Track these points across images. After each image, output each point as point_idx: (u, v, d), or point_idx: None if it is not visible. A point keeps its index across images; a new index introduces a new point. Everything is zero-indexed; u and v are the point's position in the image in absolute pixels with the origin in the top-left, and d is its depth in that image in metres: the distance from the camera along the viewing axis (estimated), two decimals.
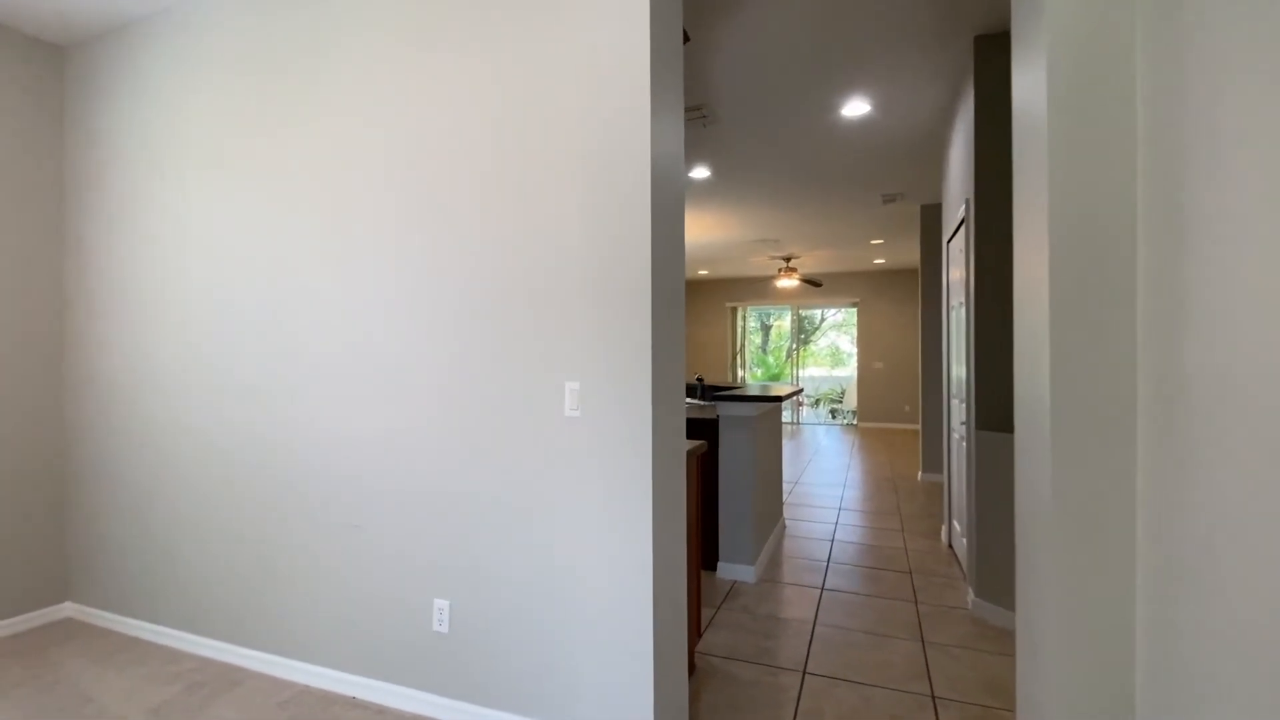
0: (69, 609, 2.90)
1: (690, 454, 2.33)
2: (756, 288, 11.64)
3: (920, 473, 6.09)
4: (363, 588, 2.22)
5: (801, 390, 4.10)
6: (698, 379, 4.74)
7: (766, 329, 13.45)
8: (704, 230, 7.35)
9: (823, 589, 3.27)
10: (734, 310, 12.03)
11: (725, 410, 3.40)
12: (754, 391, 3.67)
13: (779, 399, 3.47)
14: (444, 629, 2.06)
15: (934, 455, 5.99)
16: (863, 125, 4.05)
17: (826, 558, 3.78)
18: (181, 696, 2.21)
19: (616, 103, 1.78)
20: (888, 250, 8.68)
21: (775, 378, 12.86)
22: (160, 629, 2.63)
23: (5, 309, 2.71)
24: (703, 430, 3.58)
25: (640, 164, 1.75)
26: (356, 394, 2.23)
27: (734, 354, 12.06)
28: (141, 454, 2.71)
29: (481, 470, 2.01)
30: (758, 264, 9.93)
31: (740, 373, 12.33)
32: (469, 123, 2.02)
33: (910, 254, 8.94)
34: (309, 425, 2.33)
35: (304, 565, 2.34)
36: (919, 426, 7.20)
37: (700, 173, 5.06)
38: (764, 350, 13.33)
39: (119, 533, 2.77)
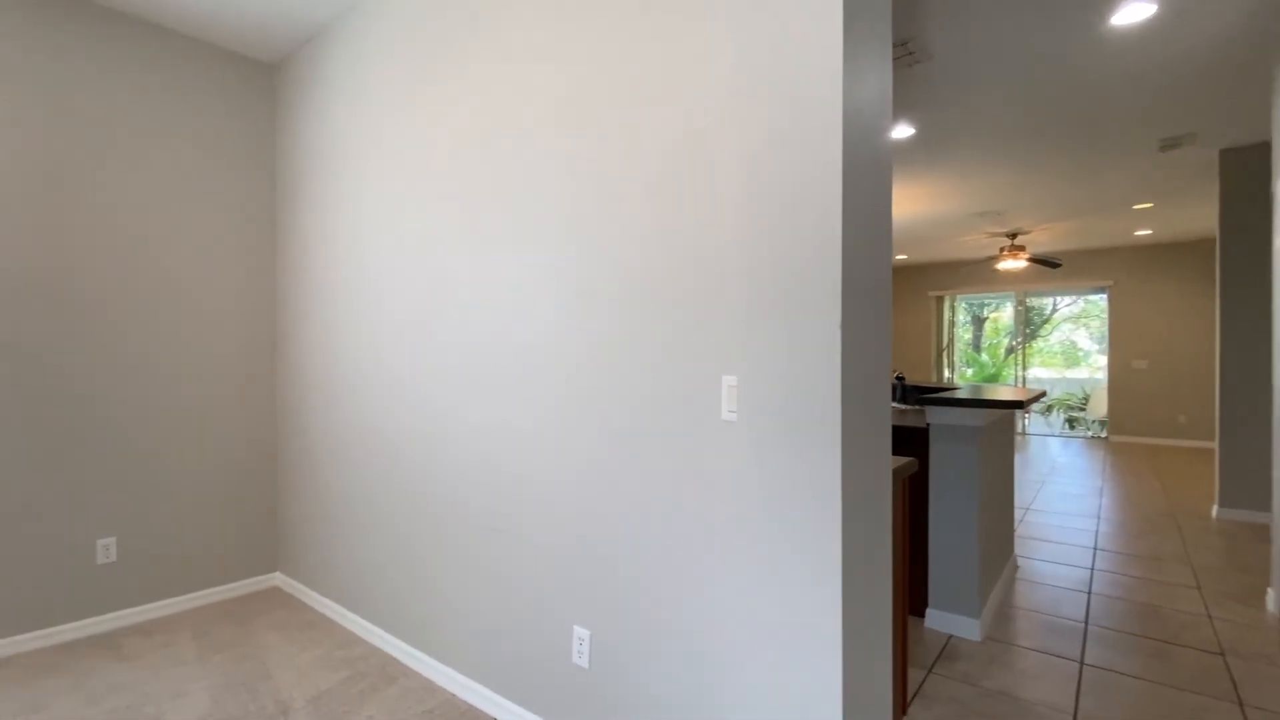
0: (278, 579, 3.18)
1: (897, 474, 1.75)
2: (968, 272, 10.01)
3: (1216, 507, 4.56)
4: (503, 599, 2.01)
5: (1044, 394, 3.17)
6: (897, 377, 3.98)
7: (979, 321, 11.59)
8: (905, 206, 6.36)
9: (1082, 663, 2.42)
10: (939, 300, 10.50)
11: (939, 417, 2.68)
12: (971, 393, 2.88)
13: (1017, 404, 2.66)
14: (584, 662, 1.76)
15: (1241, 485, 4.44)
16: (1141, 37, 2.99)
17: (1083, 617, 2.85)
18: (341, 687, 2.20)
19: (796, 28, 1.30)
20: (1157, 217, 6.79)
21: (992, 379, 11.00)
22: (341, 610, 2.72)
23: (234, 310, 3.03)
24: (905, 441, 2.89)
25: (826, 115, 1.25)
26: (496, 388, 2.03)
27: (940, 350, 10.53)
28: (325, 441, 2.85)
29: (623, 480, 1.67)
30: (971, 244, 8.48)
31: (946, 373, 10.75)
32: (596, 90, 1.68)
33: (1193, 219, 6.91)
34: (452, 420, 2.20)
35: (452, 565, 2.21)
36: (1214, 445, 5.46)
37: (900, 131, 4.25)
38: (976, 348, 11.49)
39: (312, 514, 2.94)
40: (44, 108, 2.50)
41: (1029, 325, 10.48)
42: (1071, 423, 9.67)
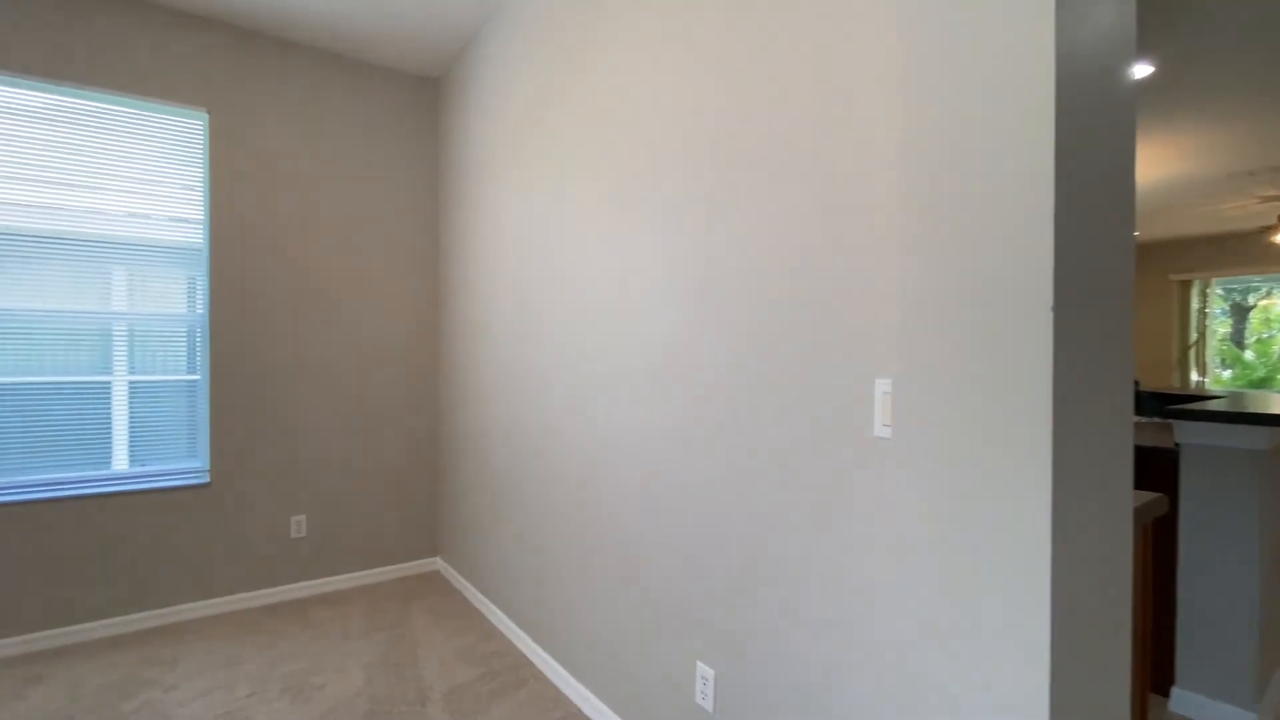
0: (438, 564, 3.37)
1: (1138, 515, 1.29)
2: (1226, 249, 7.98)
3: None
4: (624, 617, 1.86)
5: None
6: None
7: (1242, 311, 9.21)
8: (1137, 170, 5.15)
9: None
10: (1183, 285, 8.50)
11: (1195, 435, 2.02)
12: (1242, 403, 2.13)
13: None
14: (707, 705, 1.54)
15: None
16: None
17: None
18: (476, 683, 2.21)
19: None
20: None
21: (1262, 383, 8.67)
22: (486, 601, 2.78)
23: (403, 314, 3.26)
24: (1139, 467, 2.24)
25: (1036, 50, 0.89)
26: (622, 390, 1.88)
27: (1185, 348, 8.54)
28: (475, 436, 2.94)
29: (754, 496, 1.41)
30: (1233, 213, 6.70)
31: (1194, 376, 8.68)
32: (737, 62, 1.43)
33: None
34: (579, 420, 2.09)
35: (576, 571, 2.11)
36: None
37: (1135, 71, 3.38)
38: (1238, 343, 9.15)
39: (464, 505, 3.06)
40: (260, 138, 2.87)
41: None
42: None
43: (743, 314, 1.44)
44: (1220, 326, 9.31)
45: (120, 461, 2.66)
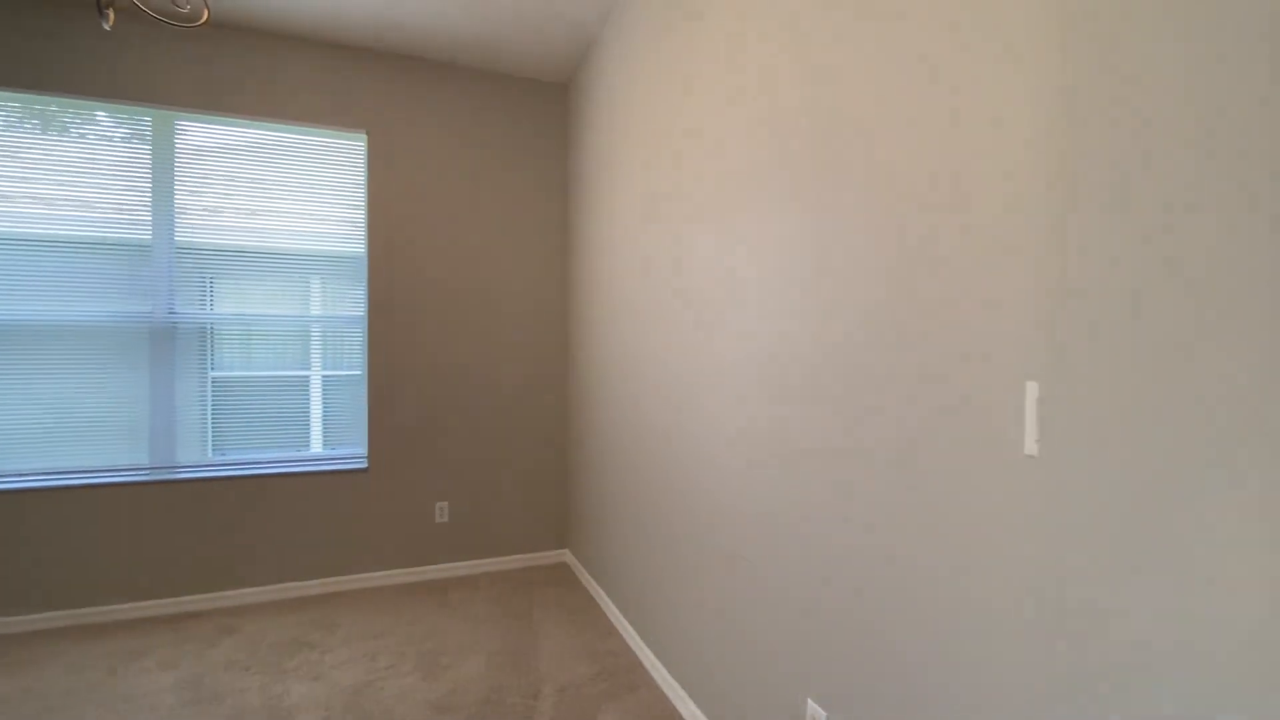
0: (566, 556, 3.44)
1: None
2: None
3: None
4: (730, 634, 1.72)
5: None
6: None
7: None
8: None
9: None
10: None
11: None
12: None
13: None
14: None
15: None
16: None
17: None
18: (589, 683, 2.20)
19: None
20: None
21: None
22: (605, 598, 2.78)
23: (535, 313, 3.38)
24: None
25: None
26: (730, 390, 1.74)
27: None
28: (596, 433, 2.95)
29: (873, 521, 1.21)
30: None
31: None
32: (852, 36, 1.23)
33: None
34: (686, 422, 1.98)
35: (684, 579, 2.00)
36: None
37: None
38: None
39: (588, 501, 3.09)
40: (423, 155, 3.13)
41: None
42: None
43: (856, 306, 1.24)
44: None
45: (316, 444, 3.05)
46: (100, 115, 2.73)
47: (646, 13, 2.33)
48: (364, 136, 3.07)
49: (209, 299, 2.89)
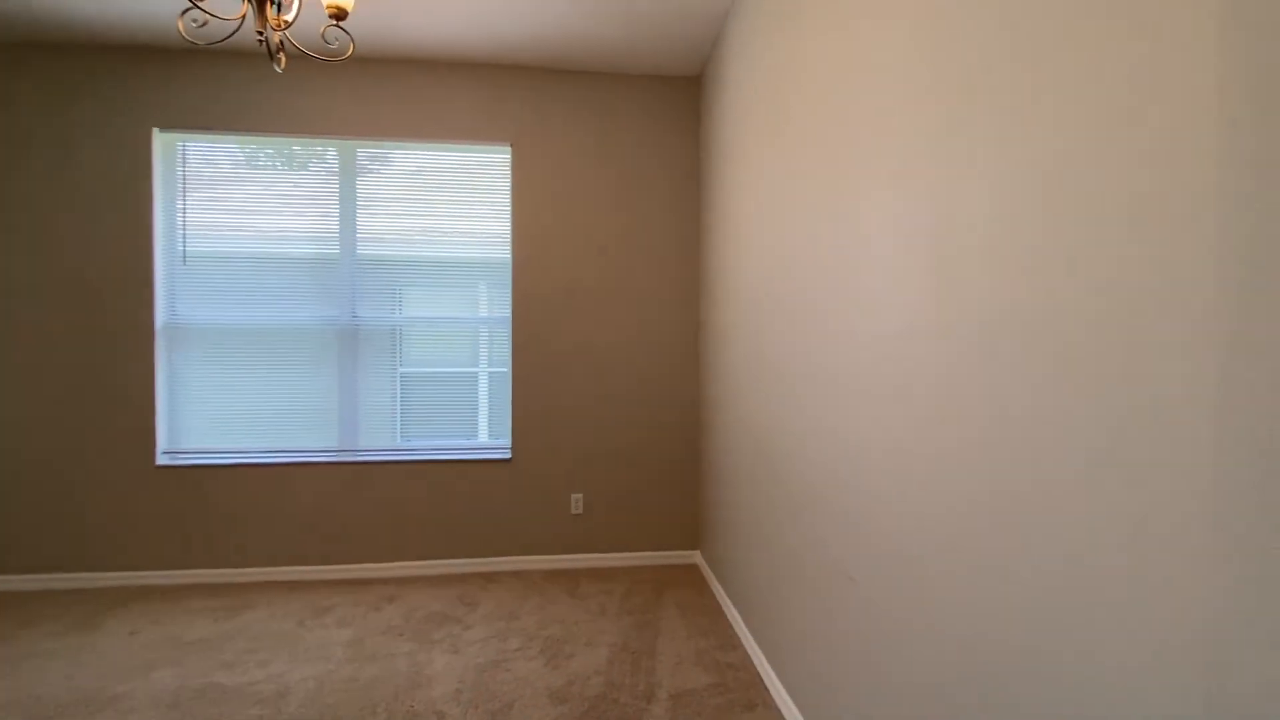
0: (697, 558, 3.39)
1: None
2: None
3: None
4: (859, 674, 1.54)
5: None
6: None
7: None
8: None
9: None
10: None
11: None
12: None
13: None
14: None
15: None
16: None
17: None
18: (704, 693, 2.12)
19: None
20: None
21: None
22: (732, 608, 2.68)
23: (670, 307, 3.37)
24: None
25: None
26: (846, 390, 1.56)
27: None
28: (722, 433, 2.85)
29: (1017, 570, 1.00)
30: None
31: None
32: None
33: None
34: (802, 423, 1.82)
35: (804, 594, 1.84)
36: None
37: None
38: None
39: (717, 503, 3.01)
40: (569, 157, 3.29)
41: None
42: None
43: (993, 290, 1.03)
44: None
45: (483, 434, 3.34)
46: (296, 149, 3.22)
47: None
48: (509, 149, 3.28)
49: (396, 303, 3.27)
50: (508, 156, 3.29)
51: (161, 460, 3.14)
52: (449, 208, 3.28)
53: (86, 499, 3.09)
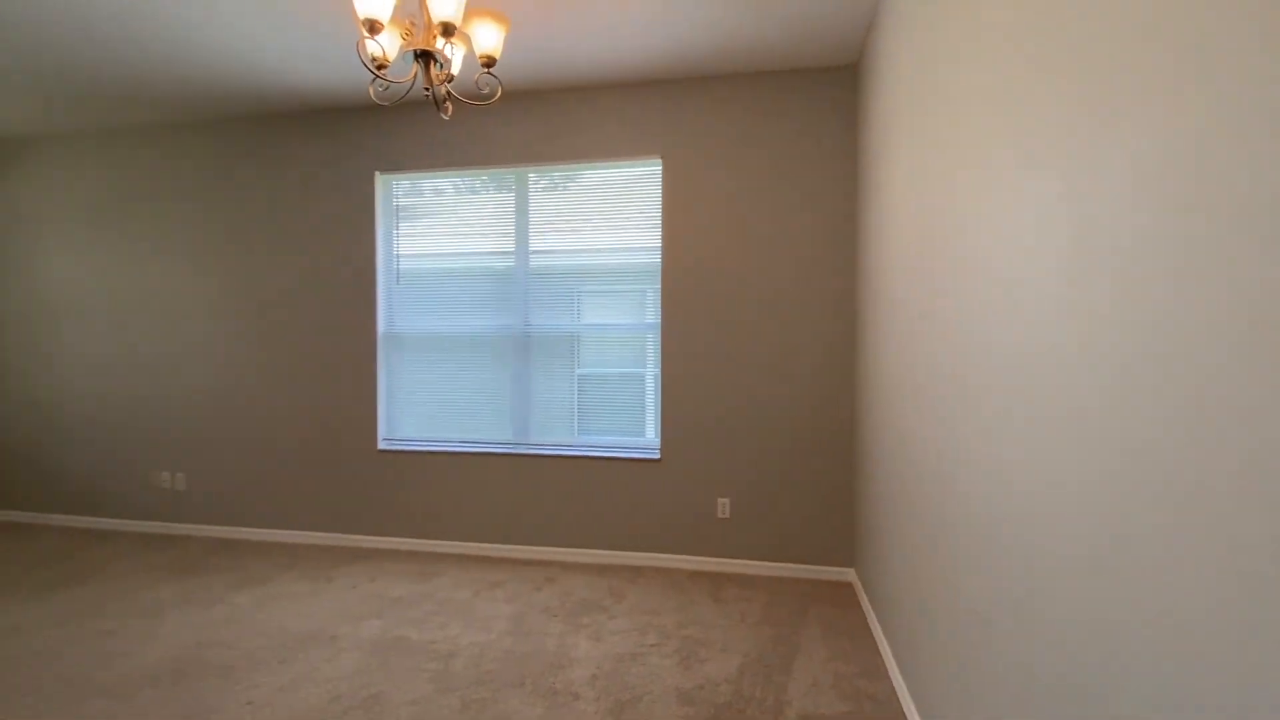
0: (851, 576, 3.20)
1: None
2: None
3: None
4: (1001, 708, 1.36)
5: None
6: None
7: None
8: None
9: None
10: None
11: None
12: None
13: None
14: None
15: None
16: None
17: None
18: None
19: None
20: None
21: None
22: (881, 635, 2.50)
23: (823, 304, 3.23)
24: None
25: None
26: (993, 409, 1.38)
27: None
28: (878, 445, 2.65)
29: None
30: None
31: None
32: None
33: None
34: (975, 449, 1.63)
35: (972, 649, 1.66)
36: None
37: None
38: None
39: (871, 518, 2.82)
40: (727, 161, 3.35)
41: None
42: None
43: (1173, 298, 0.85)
44: None
45: (650, 433, 3.52)
46: (483, 178, 3.67)
47: None
48: (659, 161, 3.39)
49: (572, 309, 3.56)
50: (659, 169, 3.40)
51: (381, 446, 3.79)
52: (609, 220, 3.50)
53: (329, 475, 3.85)
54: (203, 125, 4.00)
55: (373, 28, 1.83)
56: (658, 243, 3.43)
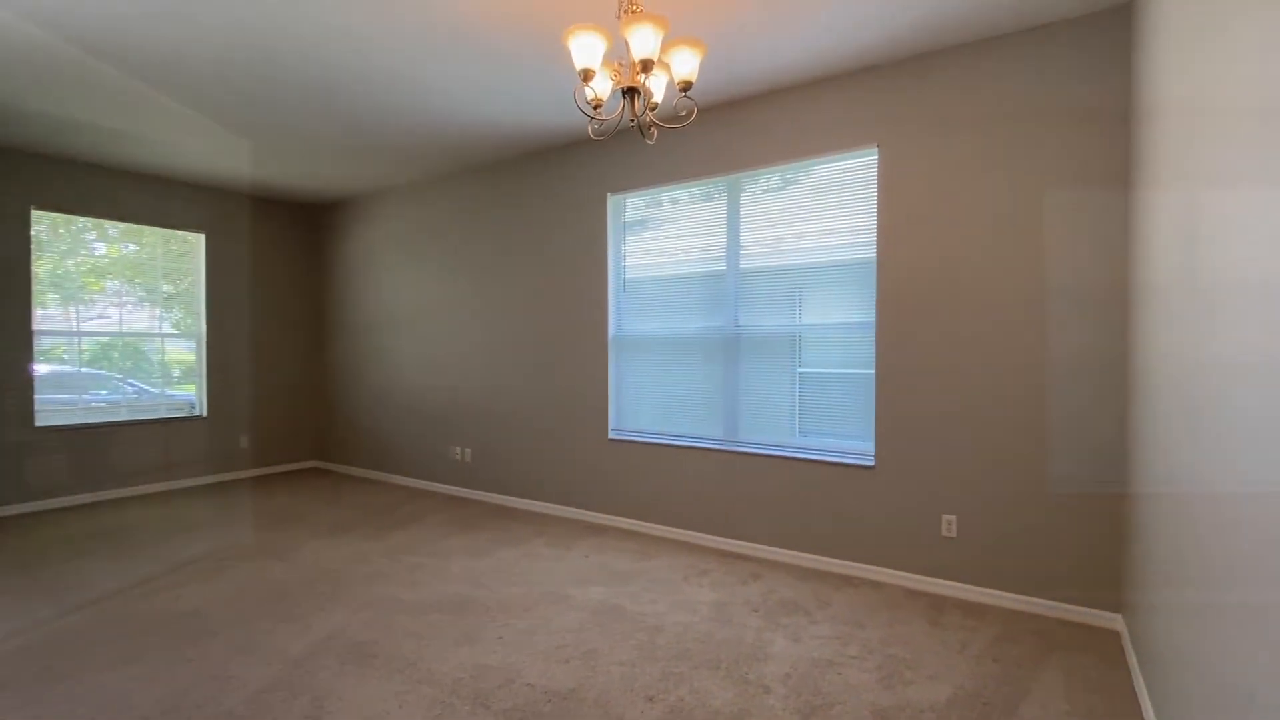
0: (1119, 625, 2.66)
1: None
2: None
3: None
4: None
5: None
6: None
7: None
8: None
9: None
10: None
11: None
12: None
13: None
14: None
15: None
16: None
17: None
18: None
19: None
20: None
21: None
22: (1147, 702, 2.07)
23: (1075, 293, 2.75)
24: None
25: None
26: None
27: None
28: (1156, 464, 2.18)
29: None
30: None
31: None
32: None
33: None
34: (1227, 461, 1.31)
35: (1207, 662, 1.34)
36: None
37: None
38: None
39: (1154, 558, 2.33)
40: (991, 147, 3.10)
41: None
42: None
43: None
44: None
45: (867, 438, 3.36)
46: (696, 189, 3.88)
47: None
48: (875, 150, 3.21)
49: (794, 308, 3.58)
50: (874, 158, 3.22)
51: (611, 435, 4.26)
52: (821, 218, 3.43)
53: (570, 458, 4.45)
54: (474, 170, 4.94)
55: (586, 75, 2.12)
56: (873, 237, 3.25)
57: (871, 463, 3.26)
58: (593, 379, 4.31)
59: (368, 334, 5.90)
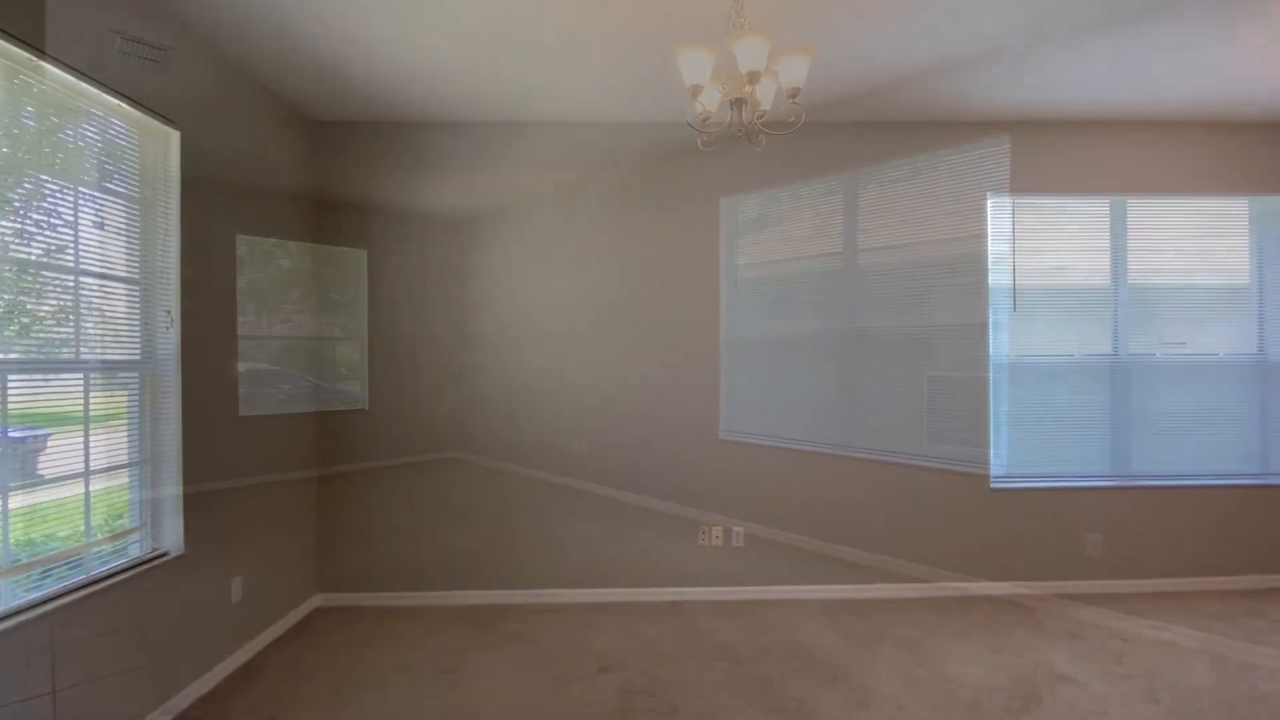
0: None
1: None
2: None
3: None
4: None
5: None
6: None
7: None
8: None
9: None
10: None
11: None
12: None
13: None
14: None
15: None
16: None
17: None
18: None
19: None
20: None
21: None
22: None
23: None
24: None
25: None
26: None
27: None
28: None
29: None
30: None
31: None
32: None
33: None
34: None
35: None
36: None
37: None
38: None
39: None
40: None
41: None
42: None
43: None
44: None
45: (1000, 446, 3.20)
46: (814, 188, 3.84)
47: None
48: (1007, 139, 3.01)
49: (919, 308, 3.46)
50: (1006, 148, 3.02)
51: (722, 435, 4.32)
52: (940, 214, 3.28)
53: (680, 457, 4.56)
54: (596, 179, 5.21)
55: (695, 91, 2.21)
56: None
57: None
58: (706, 378, 4.39)
59: (498, 336, 6.41)
